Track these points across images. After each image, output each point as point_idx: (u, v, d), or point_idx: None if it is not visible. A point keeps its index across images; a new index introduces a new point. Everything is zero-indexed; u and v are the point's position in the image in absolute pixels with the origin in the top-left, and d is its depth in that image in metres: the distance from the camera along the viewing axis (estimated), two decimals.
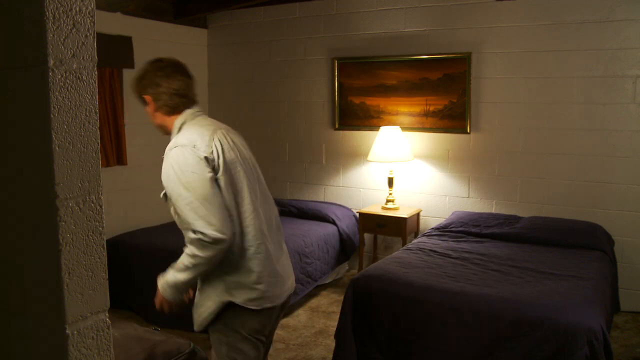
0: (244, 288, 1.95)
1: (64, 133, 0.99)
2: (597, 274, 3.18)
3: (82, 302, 1.04)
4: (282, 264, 2.07)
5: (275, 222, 2.12)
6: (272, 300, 2.00)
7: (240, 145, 2.09)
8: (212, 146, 1.94)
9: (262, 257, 1.96)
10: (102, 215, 1.07)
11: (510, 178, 4.34)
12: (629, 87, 3.87)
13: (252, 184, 2.02)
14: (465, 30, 4.38)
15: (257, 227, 1.97)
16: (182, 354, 2.25)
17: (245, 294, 1.95)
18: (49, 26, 0.95)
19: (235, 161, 1.98)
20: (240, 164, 2.00)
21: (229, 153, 1.98)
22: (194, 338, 3.42)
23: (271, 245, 2.03)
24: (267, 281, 1.98)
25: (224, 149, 1.97)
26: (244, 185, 1.98)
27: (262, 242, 1.97)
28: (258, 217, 1.98)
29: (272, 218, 2.09)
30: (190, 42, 5.42)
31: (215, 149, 1.94)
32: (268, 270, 1.98)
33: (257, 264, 1.95)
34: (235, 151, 2.01)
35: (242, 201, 1.96)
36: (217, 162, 1.92)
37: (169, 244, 3.98)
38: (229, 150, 1.99)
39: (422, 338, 2.88)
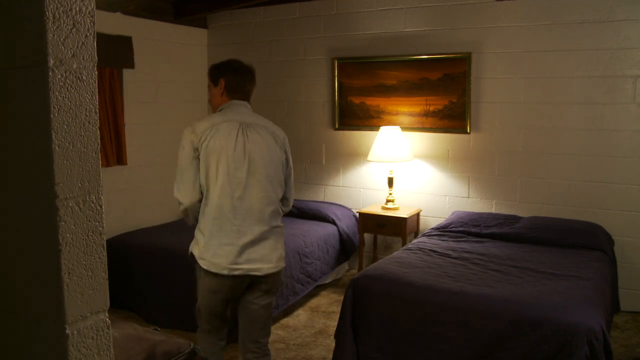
0: (198, 246, 2.41)
1: (64, 133, 0.99)
2: (597, 274, 3.18)
3: (82, 302, 1.04)
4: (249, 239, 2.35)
5: (257, 214, 2.37)
6: (217, 268, 2.34)
7: (253, 141, 2.38)
8: (203, 133, 2.32)
9: (214, 230, 2.34)
10: (102, 215, 1.07)
11: (510, 178, 4.34)
12: (629, 87, 3.87)
13: (235, 173, 2.33)
14: (465, 30, 4.38)
15: (218, 206, 2.33)
16: (182, 354, 2.24)
17: (197, 250, 2.41)
18: (49, 26, 0.95)
19: (219, 150, 2.31)
20: (226, 155, 2.32)
21: (217, 142, 2.31)
22: (194, 338, 3.42)
23: (230, 226, 2.34)
24: (213, 250, 2.35)
25: (213, 138, 2.31)
26: (220, 172, 2.31)
27: (218, 218, 2.33)
28: (224, 199, 2.33)
29: (252, 209, 2.36)
30: (190, 42, 5.43)
31: (203, 136, 2.32)
32: (216, 243, 2.34)
33: (208, 233, 2.35)
34: (229, 143, 2.33)
35: (211, 183, 2.33)
36: (200, 146, 2.31)
37: (169, 244, 3.98)
38: (221, 140, 2.32)
39: (422, 338, 2.88)
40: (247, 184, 2.34)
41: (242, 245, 2.34)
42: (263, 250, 2.39)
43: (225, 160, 2.31)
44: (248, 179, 2.35)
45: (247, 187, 2.34)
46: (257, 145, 2.38)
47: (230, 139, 2.33)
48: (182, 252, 3.83)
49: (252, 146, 2.36)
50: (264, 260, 2.40)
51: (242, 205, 2.34)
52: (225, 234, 2.34)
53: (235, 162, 2.33)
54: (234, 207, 2.33)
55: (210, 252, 2.35)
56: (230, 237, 2.34)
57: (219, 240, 2.34)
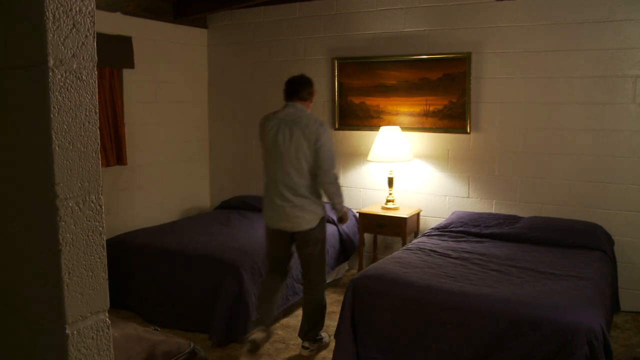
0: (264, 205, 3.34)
1: (64, 133, 0.99)
2: (597, 274, 3.18)
3: (82, 302, 1.04)
4: (270, 205, 3.24)
5: (290, 184, 3.17)
6: (268, 223, 3.29)
7: (288, 134, 3.15)
8: (260, 126, 3.32)
9: (265, 194, 3.29)
10: (102, 215, 1.07)
11: (510, 178, 4.34)
12: (629, 87, 3.87)
13: (270, 157, 3.22)
14: (465, 30, 4.38)
15: (268, 177, 3.27)
16: (182, 354, 2.25)
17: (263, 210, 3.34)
18: (49, 26, 0.95)
19: (265, 140, 3.24)
20: (272, 143, 3.19)
21: (267, 134, 3.22)
22: (194, 338, 3.42)
23: (273, 192, 3.21)
24: (266, 209, 3.29)
25: (264, 130, 3.24)
26: (265, 154, 3.27)
27: (267, 185, 3.27)
28: (270, 173, 3.24)
29: (286, 179, 3.17)
30: (190, 42, 5.43)
31: (261, 128, 3.30)
32: (267, 203, 3.27)
33: (264, 195, 3.30)
34: (271, 135, 3.20)
35: (265, 161, 3.28)
36: (260, 134, 3.30)
37: (169, 244, 3.98)
38: (268, 132, 3.22)
39: (422, 338, 2.88)
40: (287, 165, 3.15)
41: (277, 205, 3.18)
42: (291, 209, 3.17)
43: (272, 149, 3.19)
44: (288, 162, 3.15)
45: (288, 167, 3.15)
46: (294, 139, 3.14)
47: (272, 131, 3.20)
48: (182, 252, 3.85)
49: (289, 140, 3.15)
50: (289, 221, 3.20)
51: (281, 178, 3.18)
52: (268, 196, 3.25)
53: (278, 149, 3.16)
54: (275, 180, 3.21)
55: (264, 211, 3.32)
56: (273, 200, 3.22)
57: (268, 203, 3.27)
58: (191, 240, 4.07)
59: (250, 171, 5.55)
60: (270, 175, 3.22)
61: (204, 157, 5.72)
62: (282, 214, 3.18)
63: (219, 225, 4.52)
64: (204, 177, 5.74)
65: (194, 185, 5.61)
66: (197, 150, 5.61)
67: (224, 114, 5.64)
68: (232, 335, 3.49)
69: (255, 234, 4.26)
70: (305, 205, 3.19)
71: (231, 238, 4.11)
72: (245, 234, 4.24)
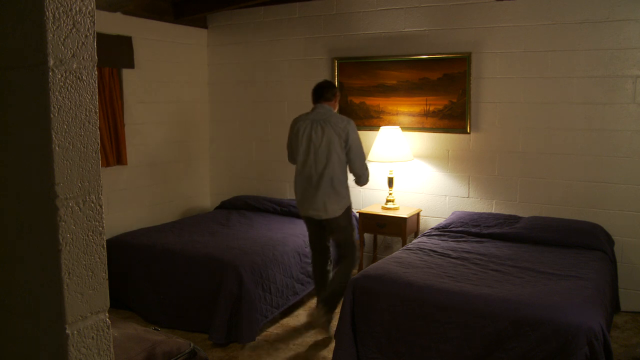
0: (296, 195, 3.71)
1: (64, 133, 0.99)
2: (597, 274, 3.18)
3: (82, 302, 1.04)
4: (304, 196, 3.59)
5: (321, 175, 3.51)
6: (301, 211, 3.67)
7: (320, 131, 3.51)
8: (293, 125, 3.68)
9: (297, 186, 3.64)
10: (102, 215, 1.07)
11: (510, 178, 4.34)
12: (629, 87, 3.87)
13: (302, 153, 3.57)
14: (465, 30, 4.38)
15: (299, 170, 3.61)
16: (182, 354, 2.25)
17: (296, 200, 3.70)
18: (49, 26, 0.95)
19: (300, 136, 3.57)
20: (305, 139, 3.55)
21: (300, 132, 3.57)
22: (193, 338, 3.43)
23: (305, 183, 3.57)
24: (298, 199, 3.65)
25: (298, 129, 3.60)
26: (300, 149, 3.58)
27: (299, 178, 3.60)
28: (304, 167, 3.57)
29: (317, 172, 3.52)
30: (190, 42, 5.43)
31: (293, 127, 3.66)
32: (299, 194, 3.64)
33: (296, 186, 3.66)
34: (305, 133, 3.55)
35: (297, 155, 3.61)
36: (292, 133, 3.66)
37: (169, 244, 3.98)
38: (301, 129, 3.57)
39: (422, 338, 2.88)
40: (320, 157, 3.50)
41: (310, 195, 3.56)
42: (323, 197, 3.52)
43: (305, 144, 3.55)
44: (321, 155, 3.50)
45: (321, 159, 3.50)
46: (324, 135, 3.50)
47: (305, 129, 3.56)
48: (182, 252, 3.85)
49: (319, 136, 3.51)
50: (319, 209, 3.55)
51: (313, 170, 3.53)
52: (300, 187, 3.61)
53: (309, 144, 3.53)
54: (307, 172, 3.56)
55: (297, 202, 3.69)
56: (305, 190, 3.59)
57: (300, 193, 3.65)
58: (191, 240, 4.07)
59: (250, 171, 5.55)
60: (305, 169, 3.55)
61: (204, 157, 5.72)
62: (314, 204, 3.54)
63: (219, 225, 4.52)
64: (204, 177, 5.74)
65: (194, 185, 5.61)
66: (197, 150, 5.61)
67: (224, 114, 5.64)
68: (232, 335, 3.50)
69: (256, 233, 4.26)
70: (335, 196, 3.54)
71: (231, 238, 4.11)
72: (245, 234, 4.24)
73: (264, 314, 3.64)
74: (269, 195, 5.35)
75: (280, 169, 5.36)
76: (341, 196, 3.57)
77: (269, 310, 3.69)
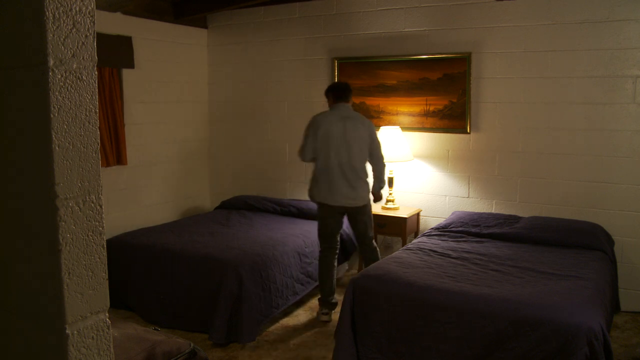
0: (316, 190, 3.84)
1: (64, 133, 0.99)
2: (597, 274, 3.18)
3: (82, 302, 1.04)
4: (329, 188, 3.77)
5: (354, 166, 3.76)
6: (330, 201, 3.79)
7: (351, 126, 3.75)
8: (316, 122, 3.80)
9: (321, 179, 3.80)
10: (102, 215, 1.07)
11: (510, 178, 4.34)
12: (629, 87, 3.87)
13: (332, 147, 3.73)
14: (465, 30, 4.38)
15: (327, 164, 3.76)
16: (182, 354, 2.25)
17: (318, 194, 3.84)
18: (49, 26, 0.95)
19: (324, 134, 3.74)
20: (336, 132, 3.73)
21: (323, 129, 3.74)
22: (193, 338, 3.43)
23: (335, 175, 3.75)
24: (326, 190, 3.79)
25: (325, 124, 3.76)
26: (324, 145, 3.75)
27: (324, 170, 3.77)
28: (331, 160, 3.74)
29: (351, 163, 3.75)
30: (190, 42, 5.43)
31: (318, 124, 3.78)
32: (326, 185, 3.78)
33: (320, 180, 3.80)
34: (337, 127, 3.73)
35: (320, 152, 3.77)
36: (315, 129, 3.78)
37: (169, 244, 3.98)
38: (332, 124, 3.74)
39: (422, 338, 2.88)
40: (343, 152, 3.73)
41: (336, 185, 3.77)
42: (346, 188, 3.76)
43: (328, 141, 3.74)
44: (344, 150, 3.73)
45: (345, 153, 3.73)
46: (349, 131, 3.73)
47: (329, 127, 3.74)
48: (182, 252, 3.85)
49: (343, 132, 3.73)
50: (349, 198, 3.78)
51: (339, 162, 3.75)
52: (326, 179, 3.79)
53: (333, 141, 3.73)
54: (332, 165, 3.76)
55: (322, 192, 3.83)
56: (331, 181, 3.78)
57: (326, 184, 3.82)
58: (191, 240, 4.07)
59: (250, 171, 5.55)
60: (335, 161, 3.75)
61: (204, 157, 5.72)
62: (349, 192, 3.76)
63: (219, 225, 4.52)
64: (204, 177, 5.74)
65: (194, 185, 5.61)
66: (197, 150, 5.61)
67: (224, 114, 5.64)
68: (232, 335, 3.50)
69: (256, 233, 4.26)
70: (361, 186, 3.81)
71: (231, 238, 4.11)
72: (245, 234, 4.24)
73: (264, 314, 3.63)
74: (269, 195, 5.35)
75: (280, 169, 5.36)
76: (368, 185, 3.86)
77: (269, 310, 3.69)
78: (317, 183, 3.81)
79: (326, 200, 3.80)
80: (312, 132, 3.78)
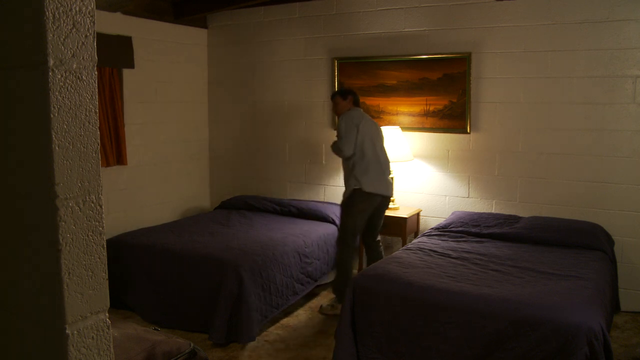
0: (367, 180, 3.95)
1: (64, 133, 0.99)
2: (597, 274, 3.18)
3: (82, 302, 1.04)
4: (380, 179, 4.01)
5: (386, 161, 4.09)
6: (377, 190, 3.97)
7: (375, 127, 4.09)
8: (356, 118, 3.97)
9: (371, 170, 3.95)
10: (102, 215, 1.07)
11: (510, 178, 4.34)
12: (629, 87, 3.87)
13: (370, 143, 3.97)
14: (465, 30, 4.38)
15: (371, 158, 3.95)
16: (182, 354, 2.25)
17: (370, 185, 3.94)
18: (49, 26, 0.95)
19: (365, 129, 3.95)
20: (372, 132, 4.01)
21: (363, 125, 3.95)
22: (193, 338, 3.43)
23: (380, 168, 4.00)
24: (374, 180, 3.96)
25: (360, 122, 3.95)
26: (368, 139, 3.96)
27: (369, 163, 3.94)
28: (378, 154, 4.00)
29: (384, 158, 4.07)
30: (190, 42, 5.43)
31: (358, 119, 3.96)
32: (375, 176, 3.97)
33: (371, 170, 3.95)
34: (372, 128, 4.03)
35: (365, 145, 3.94)
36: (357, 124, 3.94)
37: (169, 244, 3.98)
38: (367, 124, 3.99)
39: (422, 338, 2.88)
40: (377, 148, 4.01)
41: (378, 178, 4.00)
42: (385, 180, 4.04)
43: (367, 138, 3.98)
44: (377, 147, 4.01)
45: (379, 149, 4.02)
46: (374, 131, 4.04)
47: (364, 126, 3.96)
48: (182, 252, 3.85)
49: (372, 131, 4.02)
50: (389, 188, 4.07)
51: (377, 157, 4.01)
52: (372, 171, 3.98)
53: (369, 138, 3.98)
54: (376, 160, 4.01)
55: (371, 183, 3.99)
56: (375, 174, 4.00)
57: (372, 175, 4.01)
58: (191, 240, 4.07)
59: (250, 171, 5.55)
60: (378, 156, 4.01)
61: (204, 157, 5.72)
62: (388, 184, 4.09)
63: (219, 225, 4.52)
64: (204, 177, 5.74)
65: (194, 185, 5.61)
66: (197, 150, 5.61)
67: (224, 114, 5.64)
68: (232, 335, 3.50)
69: (256, 233, 4.26)
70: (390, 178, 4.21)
71: (231, 238, 4.11)
72: (245, 234, 4.24)
73: (264, 314, 3.63)
74: (269, 195, 5.35)
75: (280, 169, 5.36)
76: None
77: (269, 310, 3.69)
78: (367, 174, 3.93)
79: (378, 189, 3.96)
80: (354, 127, 3.92)
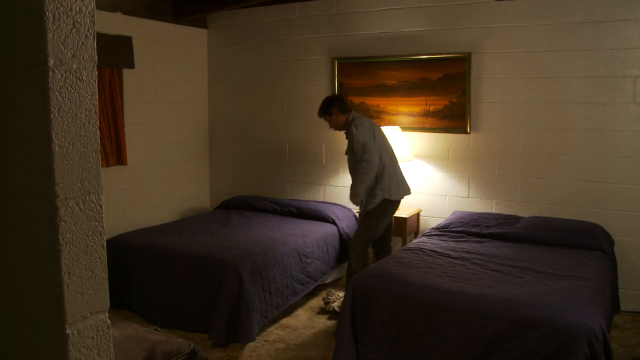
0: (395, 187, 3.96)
1: (64, 133, 0.99)
2: (597, 274, 3.18)
3: (82, 302, 1.04)
4: (401, 182, 4.02)
5: (395, 162, 4.03)
6: (396, 196, 3.98)
7: (379, 130, 4.01)
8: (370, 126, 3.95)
9: (392, 174, 3.95)
10: (102, 215, 1.07)
11: (510, 178, 4.34)
12: (629, 87, 3.87)
13: (385, 150, 3.96)
14: (465, 30, 4.38)
15: (390, 163, 3.96)
16: (182, 354, 2.25)
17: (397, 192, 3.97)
18: (49, 26, 0.95)
19: (379, 135, 3.94)
20: (382, 138, 3.98)
21: (376, 132, 3.94)
22: (193, 338, 3.43)
23: (399, 172, 4.02)
24: (396, 185, 3.95)
25: (373, 129, 3.93)
26: (384, 145, 3.96)
27: (387, 168, 3.92)
28: (393, 159, 4.01)
29: (393, 158, 4.04)
30: (190, 42, 5.43)
31: (371, 127, 3.94)
32: (396, 180, 3.97)
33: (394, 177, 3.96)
34: (378, 132, 3.97)
35: (383, 152, 3.91)
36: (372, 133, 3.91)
37: (169, 244, 3.98)
38: (376, 130, 3.96)
39: (422, 338, 2.88)
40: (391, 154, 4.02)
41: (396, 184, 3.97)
42: (401, 184, 4.02)
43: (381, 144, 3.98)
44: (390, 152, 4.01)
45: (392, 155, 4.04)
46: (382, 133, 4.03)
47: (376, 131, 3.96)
48: (182, 252, 3.85)
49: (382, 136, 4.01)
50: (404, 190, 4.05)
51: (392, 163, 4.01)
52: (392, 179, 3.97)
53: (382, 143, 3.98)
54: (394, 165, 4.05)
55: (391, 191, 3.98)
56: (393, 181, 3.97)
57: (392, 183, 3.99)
58: (191, 240, 4.07)
59: (250, 171, 5.55)
60: (389, 160, 3.99)
61: (204, 157, 5.72)
62: (405, 182, 4.09)
63: (219, 225, 4.52)
64: (204, 177, 5.74)
65: (194, 185, 5.61)
66: (197, 150, 5.61)
67: (224, 114, 5.64)
68: (232, 335, 3.50)
69: (256, 233, 4.26)
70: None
71: (231, 238, 4.11)
72: (245, 234, 4.24)
73: (264, 314, 3.63)
74: (269, 195, 5.35)
75: (280, 169, 5.36)
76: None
77: (269, 310, 3.69)
78: (393, 181, 3.94)
79: (404, 193, 4.04)
80: (372, 136, 3.90)
